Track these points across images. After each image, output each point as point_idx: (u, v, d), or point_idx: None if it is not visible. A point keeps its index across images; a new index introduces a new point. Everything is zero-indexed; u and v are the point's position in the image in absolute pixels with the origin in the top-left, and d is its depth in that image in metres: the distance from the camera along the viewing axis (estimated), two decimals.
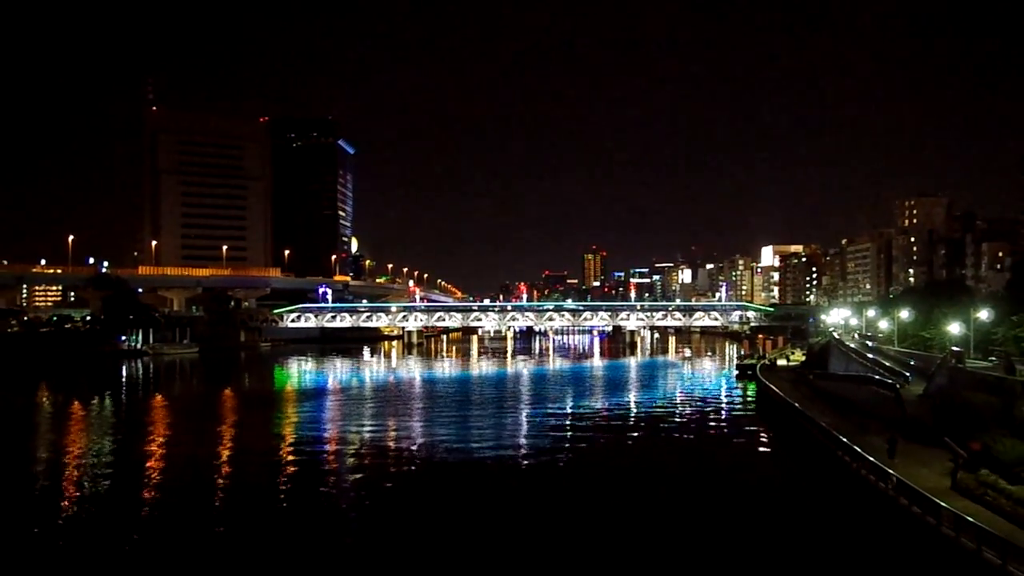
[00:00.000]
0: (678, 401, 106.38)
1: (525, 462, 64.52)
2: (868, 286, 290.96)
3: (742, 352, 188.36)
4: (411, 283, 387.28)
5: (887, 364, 79.24)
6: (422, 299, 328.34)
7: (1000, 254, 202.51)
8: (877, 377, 72.26)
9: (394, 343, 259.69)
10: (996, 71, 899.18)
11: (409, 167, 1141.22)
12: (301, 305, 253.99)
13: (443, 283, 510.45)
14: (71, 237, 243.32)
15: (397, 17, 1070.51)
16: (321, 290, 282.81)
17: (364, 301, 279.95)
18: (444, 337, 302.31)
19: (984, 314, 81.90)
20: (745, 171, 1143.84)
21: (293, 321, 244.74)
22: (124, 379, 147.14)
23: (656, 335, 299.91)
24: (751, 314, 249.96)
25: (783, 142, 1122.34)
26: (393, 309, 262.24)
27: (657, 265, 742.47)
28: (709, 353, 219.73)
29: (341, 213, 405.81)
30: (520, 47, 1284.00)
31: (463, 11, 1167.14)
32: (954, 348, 70.42)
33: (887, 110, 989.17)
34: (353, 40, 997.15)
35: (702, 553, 40.24)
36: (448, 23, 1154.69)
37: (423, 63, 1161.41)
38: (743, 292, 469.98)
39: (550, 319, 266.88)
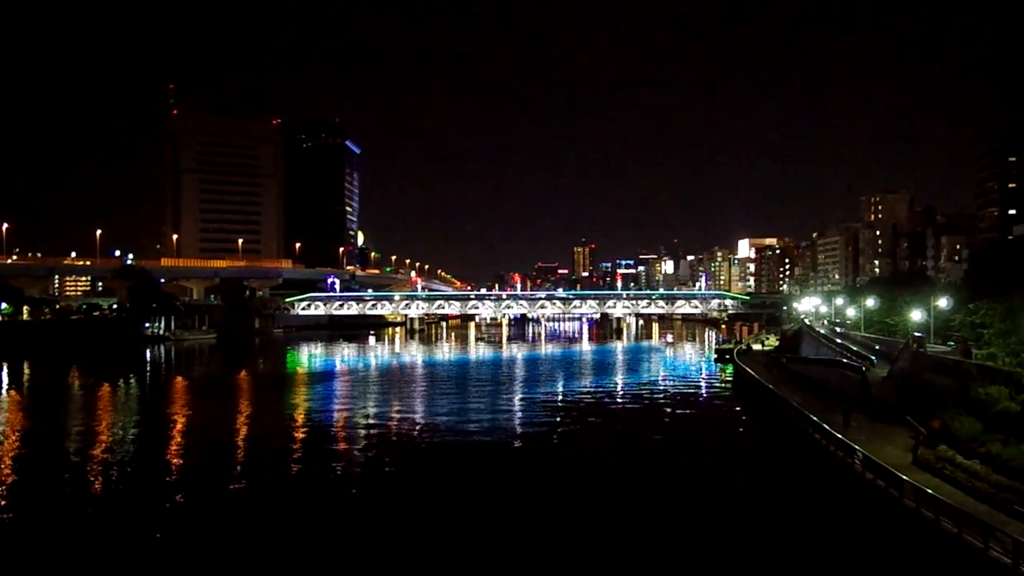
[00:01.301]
0: (661, 382, 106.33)
1: (519, 437, 64.62)
2: (837, 276, 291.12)
3: (720, 337, 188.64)
4: (413, 273, 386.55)
5: (854, 348, 79.26)
6: (423, 288, 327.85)
7: (958, 246, 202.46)
8: (845, 360, 72.37)
9: (397, 329, 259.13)
10: (958, 73, 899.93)
11: (412, 166, 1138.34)
12: (311, 294, 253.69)
13: (443, 273, 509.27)
14: (99, 231, 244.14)
15: (400, 27, 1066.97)
16: (329, 280, 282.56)
17: (369, 290, 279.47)
18: (444, 324, 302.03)
19: (943, 302, 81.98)
20: (723, 169, 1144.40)
21: (304, 309, 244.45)
22: (148, 362, 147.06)
23: (640, 322, 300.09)
24: (729, 302, 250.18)
25: (759, 142, 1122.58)
26: (396, 298, 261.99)
27: (642, 257, 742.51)
28: (690, 338, 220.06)
29: (348, 208, 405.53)
30: (513, 61, 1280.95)
31: (460, 21, 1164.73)
32: (916, 334, 70.51)
33: (856, 112, 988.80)
34: (360, 47, 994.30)
35: (680, 517, 40.51)
36: (447, 32, 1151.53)
37: (424, 70, 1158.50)
38: (721, 282, 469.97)
39: (542, 307, 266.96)
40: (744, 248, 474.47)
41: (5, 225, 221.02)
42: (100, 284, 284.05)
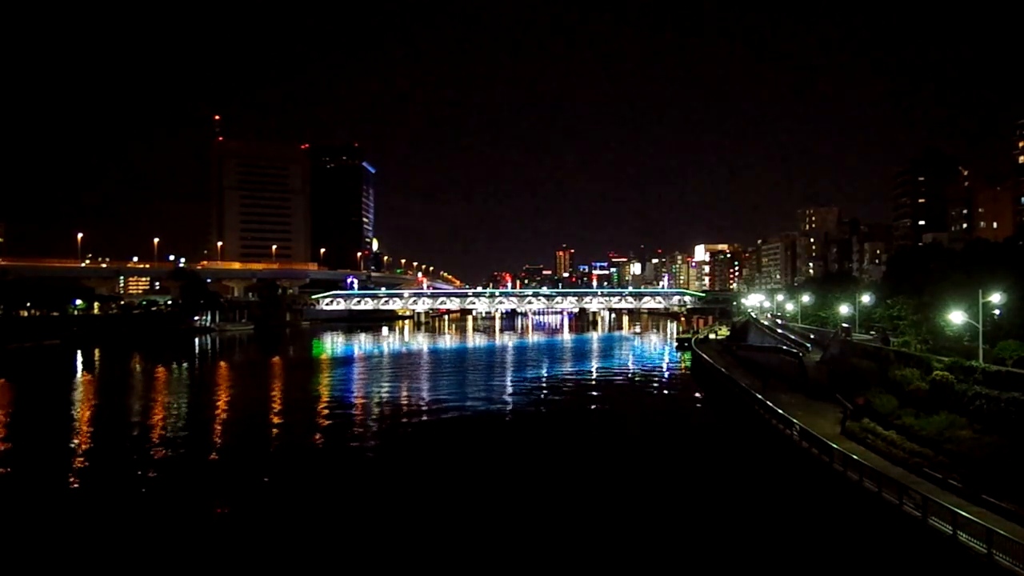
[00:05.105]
0: (630, 366, 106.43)
1: (510, 412, 64.63)
2: (778, 276, 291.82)
3: (680, 328, 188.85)
4: (419, 274, 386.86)
5: (792, 337, 79.42)
6: (428, 287, 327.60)
7: (878, 252, 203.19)
8: (785, 347, 72.59)
9: (406, 322, 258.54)
10: (878, 105, 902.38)
11: (419, 184, 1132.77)
12: (333, 292, 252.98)
13: (444, 274, 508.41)
14: (156, 239, 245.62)
15: (406, 67, 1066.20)
16: (349, 280, 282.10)
17: (383, 288, 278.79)
18: (446, 317, 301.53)
19: (866, 298, 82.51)
20: (683, 184, 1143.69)
21: (327, 304, 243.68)
22: (197, 349, 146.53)
23: (613, 315, 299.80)
24: (687, 299, 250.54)
25: (714, 163, 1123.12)
26: (405, 295, 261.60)
27: (614, 260, 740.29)
28: (655, 329, 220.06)
29: (365, 219, 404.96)
30: (497, 95, 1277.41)
31: (456, 61, 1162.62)
32: (844, 325, 71.04)
33: (795, 137, 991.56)
34: (374, 84, 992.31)
35: (645, 477, 40.71)
36: (443, 72, 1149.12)
37: (430, 106, 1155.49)
38: (681, 281, 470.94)
39: (529, 303, 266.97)
40: (700, 252, 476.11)
41: (80, 235, 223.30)
42: (157, 284, 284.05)
